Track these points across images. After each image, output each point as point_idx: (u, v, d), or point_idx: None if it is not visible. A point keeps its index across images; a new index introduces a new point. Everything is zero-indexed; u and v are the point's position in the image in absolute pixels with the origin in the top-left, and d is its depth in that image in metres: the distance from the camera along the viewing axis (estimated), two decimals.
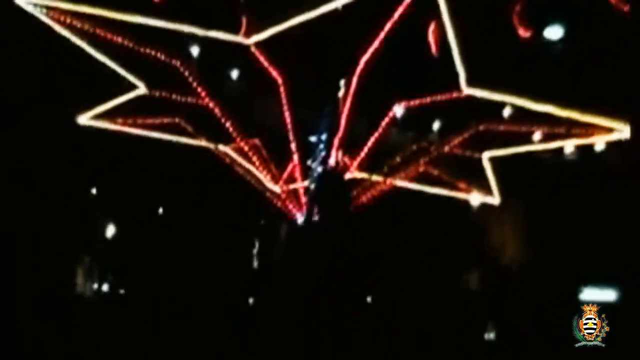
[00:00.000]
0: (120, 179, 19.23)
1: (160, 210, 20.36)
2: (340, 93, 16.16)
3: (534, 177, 18.57)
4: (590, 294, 17.29)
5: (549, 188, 19.01)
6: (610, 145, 15.63)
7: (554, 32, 16.83)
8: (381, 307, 6.61)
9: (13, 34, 14.67)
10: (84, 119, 15.84)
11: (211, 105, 15.94)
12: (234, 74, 17.61)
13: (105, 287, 21.88)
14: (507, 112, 16.28)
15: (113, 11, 14.35)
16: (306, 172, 16.30)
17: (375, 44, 15.10)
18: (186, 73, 15.65)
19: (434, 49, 14.60)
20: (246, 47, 15.33)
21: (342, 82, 16.14)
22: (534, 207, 19.53)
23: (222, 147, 16.69)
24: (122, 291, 19.64)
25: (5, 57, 14.08)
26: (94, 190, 20.21)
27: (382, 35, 14.96)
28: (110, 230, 21.56)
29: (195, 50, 16.71)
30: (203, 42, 16.43)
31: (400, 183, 16.67)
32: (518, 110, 15.49)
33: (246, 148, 16.47)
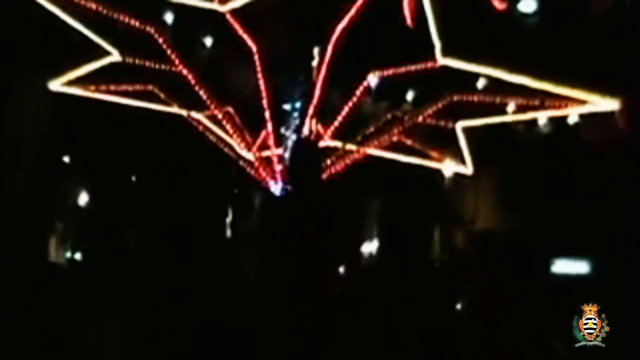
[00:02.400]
0: (93, 146, 19.15)
1: (133, 178, 20.31)
2: (315, 61, 16.13)
3: (508, 149, 18.64)
4: (562, 266, 17.38)
5: (522, 159, 19.09)
6: (584, 117, 15.70)
7: (528, 5, 16.88)
8: (353, 279, 6.61)
9: None
10: (56, 85, 15.70)
11: (185, 72, 15.86)
12: (208, 41, 17.53)
13: (78, 256, 21.84)
14: (481, 83, 16.32)
15: None
16: (280, 140, 16.27)
17: (352, 12, 15.07)
18: (160, 40, 15.56)
19: (409, 18, 14.58)
20: (221, 14, 15.26)
21: (316, 50, 16.12)
22: (507, 178, 19.62)
23: (195, 114, 16.61)
24: (95, 259, 19.57)
25: None
26: (66, 158, 20.13)
27: (358, 2, 14.93)
28: (84, 198, 21.50)
29: (169, 17, 16.63)
30: (177, 8, 16.36)
31: (374, 152, 16.66)
32: (492, 82, 15.51)
33: (219, 115, 16.40)
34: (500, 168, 19.57)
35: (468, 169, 16.93)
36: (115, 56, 15.82)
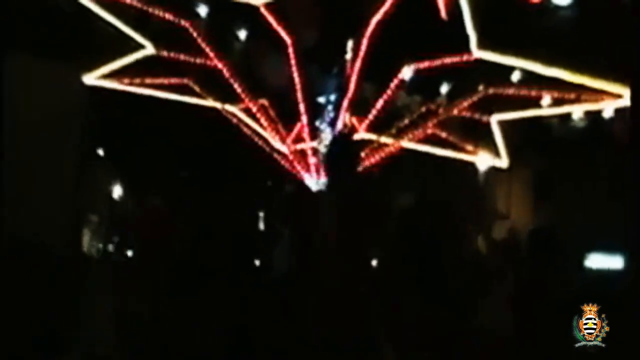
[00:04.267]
0: (128, 139, 19.23)
1: (168, 171, 20.36)
2: (349, 54, 16.10)
3: (542, 142, 18.53)
4: (596, 260, 17.25)
5: (556, 153, 18.97)
6: (619, 111, 15.55)
7: None
8: (388, 271, 6.57)
9: None
10: (91, 79, 15.71)
11: (219, 65, 15.88)
12: (243, 34, 17.53)
13: (110, 248, 21.95)
14: (516, 76, 16.22)
15: None
16: (314, 133, 16.26)
17: (387, 4, 15.03)
18: (195, 33, 15.59)
19: (444, 11, 14.52)
20: (255, 8, 15.26)
21: (351, 43, 16.08)
22: (541, 172, 19.51)
23: (229, 107, 16.63)
24: (128, 252, 19.64)
25: (11, 18, 13.98)
26: (100, 151, 20.21)
27: None
28: (117, 191, 21.61)
29: (203, 11, 16.64)
30: (212, 2, 16.38)
31: (408, 145, 16.61)
32: (527, 75, 15.40)
33: (254, 108, 16.41)
34: (534, 161, 19.47)
35: (503, 162, 16.85)
36: (149, 49, 15.84)
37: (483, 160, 17.16)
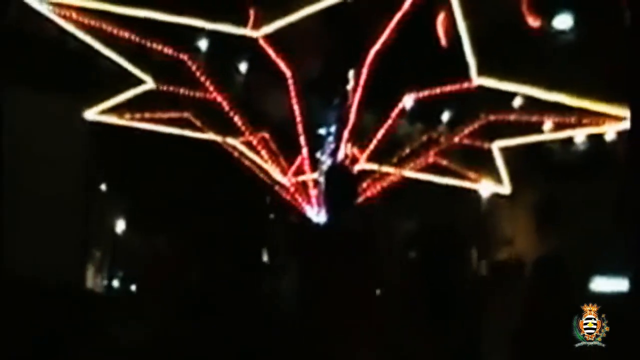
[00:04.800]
0: (129, 174, 19.19)
1: (169, 205, 20.31)
2: (350, 85, 16.08)
3: (545, 167, 18.48)
4: (601, 284, 17.16)
5: (559, 178, 18.92)
6: (621, 134, 15.50)
7: (563, 22, 16.76)
8: (391, 299, 6.51)
9: (19, 29, 14.61)
10: (91, 114, 15.69)
11: (219, 98, 15.85)
12: (242, 67, 17.52)
13: (115, 283, 21.90)
14: (517, 102, 16.19)
15: (119, 5, 14.27)
16: (315, 165, 16.21)
17: (385, 34, 15.01)
18: (194, 67, 15.57)
19: (443, 39, 14.51)
20: (254, 40, 15.24)
21: (351, 74, 16.06)
22: (545, 197, 19.44)
23: (230, 141, 16.60)
24: (132, 287, 19.59)
25: (13, 54, 13.98)
26: (103, 186, 20.18)
27: (391, 25, 14.86)
28: (120, 226, 21.56)
29: (202, 44, 16.65)
30: (210, 35, 16.37)
31: (410, 174, 16.57)
32: (528, 100, 15.38)
33: (254, 141, 16.38)
34: (537, 187, 19.42)
35: (505, 189, 16.81)
36: (149, 84, 15.83)
37: (485, 187, 17.13)
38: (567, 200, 19.18)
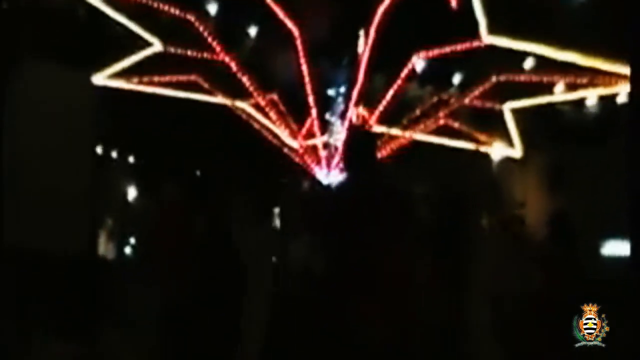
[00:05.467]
0: (139, 140, 19.14)
1: (180, 171, 20.27)
2: (358, 45, 15.95)
3: (556, 130, 18.33)
4: (612, 247, 17.07)
5: (570, 140, 18.77)
6: None
7: None
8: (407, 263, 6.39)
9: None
10: (100, 79, 15.59)
11: (227, 60, 15.74)
12: (250, 28, 17.40)
13: (127, 250, 21.89)
14: (528, 63, 16.00)
15: None
16: (324, 126, 16.12)
17: None
18: (201, 28, 15.46)
19: None
20: (262, 0, 15.14)
21: (359, 34, 15.93)
22: (556, 161, 19.31)
23: (239, 103, 16.51)
24: (142, 254, 19.56)
25: (19, 19, 13.93)
26: (114, 153, 20.14)
27: None
28: (132, 193, 21.52)
29: (210, 5, 16.53)
30: None
31: (420, 136, 16.46)
32: (540, 60, 15.19)
33: (263, 103, 16.29)
34: (548, 150, 19.28)
35: (517, 152, 16.70)
36: (157, 47, 15.72)
37: (496, 150, 17.01)
38: (578, 164, 19.05)
